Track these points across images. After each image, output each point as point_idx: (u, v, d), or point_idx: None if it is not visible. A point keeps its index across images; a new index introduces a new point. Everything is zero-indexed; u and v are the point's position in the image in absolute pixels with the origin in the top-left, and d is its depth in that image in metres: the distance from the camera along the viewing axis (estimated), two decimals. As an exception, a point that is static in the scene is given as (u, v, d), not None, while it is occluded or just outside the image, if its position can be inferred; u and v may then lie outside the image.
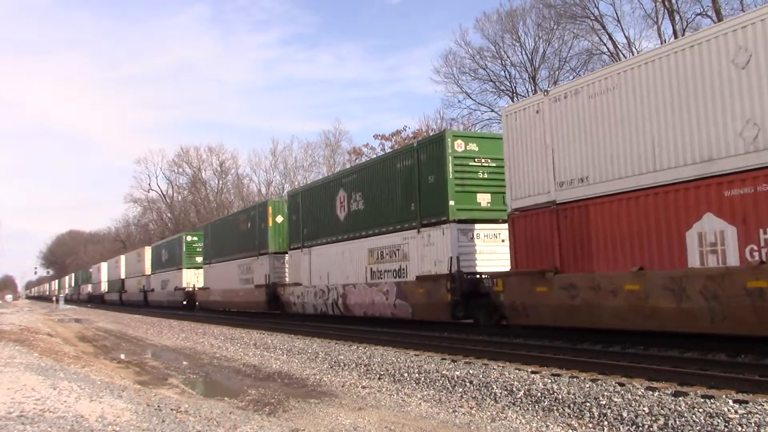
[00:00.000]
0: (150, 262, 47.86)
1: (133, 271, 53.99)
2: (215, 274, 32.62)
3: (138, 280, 51.48)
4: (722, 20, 29.68)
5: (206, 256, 34.62)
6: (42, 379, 9.16)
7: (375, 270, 18.28)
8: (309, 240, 22.53)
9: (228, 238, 30.75)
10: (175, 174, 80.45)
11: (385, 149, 46.99)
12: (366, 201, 19.12)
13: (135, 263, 53.57)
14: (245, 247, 28.03)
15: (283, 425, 7.69)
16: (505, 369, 10.04)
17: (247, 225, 28.24)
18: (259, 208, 27.34)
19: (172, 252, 41.57)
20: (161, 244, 46.54)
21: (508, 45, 40.95)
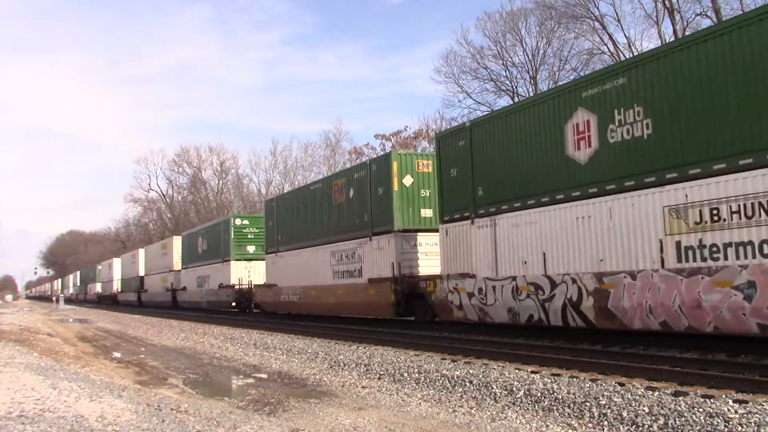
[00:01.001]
0: (180, 255, 40.21)
1: (156, 266, 46.26)
2: (287, 266, 24.75)
3: (163, 277, 44.00)
4: (721, 21, 29.72)
5: (271, 242, 26.47)
6: (42, 379, 9.16)
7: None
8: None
9: (310, 215, 23.05)
10: (175, 174, 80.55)
11: (385, 149, 47.03)
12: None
13: (158, 257, 46.01)
14: (345, 225, 20.52)
15: (283, 425, 7.69)
16: (505, 369, 10.04)
17: (345, 194, 20.73)
18: (375, 165, 19.35)
19: (213, 240, 33.57)
20: (197, 232, 37.86)
21: (509, 45, 40.98)
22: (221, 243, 32.10)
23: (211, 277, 33.25)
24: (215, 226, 34.26)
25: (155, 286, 46.13)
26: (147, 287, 49.04)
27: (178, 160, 79.17)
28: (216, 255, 32.79)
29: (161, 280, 44.22)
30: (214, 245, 33.23)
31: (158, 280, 45.23)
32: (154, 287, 46.49)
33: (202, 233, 36.44)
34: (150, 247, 51.70)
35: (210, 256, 33.87)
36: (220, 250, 32.26)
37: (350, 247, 20.05)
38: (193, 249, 37.36)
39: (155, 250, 47.79)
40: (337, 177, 21.92)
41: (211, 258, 33.47)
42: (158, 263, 45.59)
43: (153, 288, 46.94)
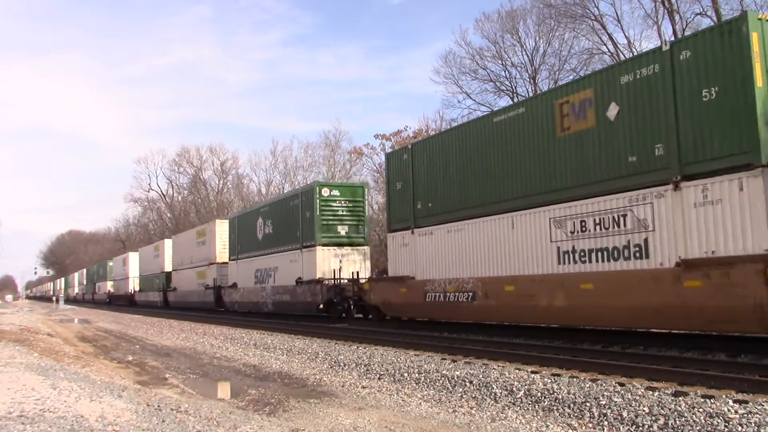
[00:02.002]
0: (225, 244, 32.38)
1: (190, 259, 37.61)
2: (439, 248, 16.47)
3: (200, 271, 35.30)
4: (721, 20, 29.73)
5: (400, 216, 18.15)
6: (42, 379, 9.16)
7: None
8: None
9: (495, 162, 14.67)
10: (175, 174, 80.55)
11: (385, 149, 47.02)
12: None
13: (192, 248, 37.42)
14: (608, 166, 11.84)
15: (283, 425, 7.68)
16: (505, 369, 10.04)
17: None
18: None
19: (284, 220, 25.26)
20: (255, 211, 29.48)
21: (508, 45, 40.95)
22: (299, 223, 23.76)
23: (281, 270, 25.07)
24: (288, 200, 25.66)
25: (188, 283, 37.43)
26: (176, 285, 40.64)
27: (179, 160, 79.24)
28: (289, 239, 24.58)
29: (197, 275, 35.61)
30: (286, 226, 25.00)
31: (192, 276, 36.56)
32: (187, 284, 37.72)
33: (263, 212, 27.97)
34: (180, 237, 42.53)
35: (278, 241, 25.66)
36: (295, 233, 23.99)
37: (619, 205, 11.48)
38: (248, 234, 28.93)
39: (188, 240, 38.90)
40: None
41: (281, 244, 25.35)
42: (192, 255, 37.14)
43: (185, 285, 38.27)
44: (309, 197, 23.30)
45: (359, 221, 23.21)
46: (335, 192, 23.25)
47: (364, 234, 23.27)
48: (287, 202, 25.66)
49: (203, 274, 34.97)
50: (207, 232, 35.42)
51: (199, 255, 36.16)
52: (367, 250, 23.36)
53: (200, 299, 35.12)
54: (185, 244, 39.60)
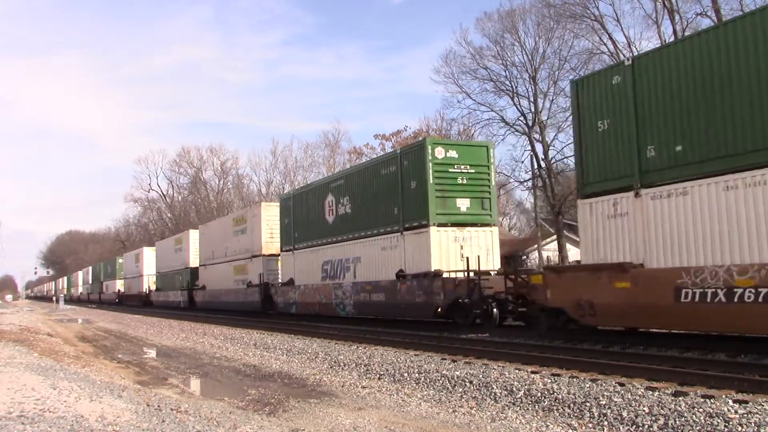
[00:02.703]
0: (275, 232, 26.44)
1: (224, 251, 31.78)
2: (702, 213, 10.20)
3: (239, 266, 29.53)
4: (721, 20, 29.74)
5: (609, 169, 11.92)
6: (42, 379, 9.16)
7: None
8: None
9: None
10: (175, 174, 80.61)
11: (385, 149, 47.01)
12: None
13: (226, 238, 31.46)
14: None
15: (283, 425, 7.69)
16: (505, 369, 10.04)
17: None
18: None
19: (372, 196, 19.10)
20: (322, 186, 22.69)
21: (508, 45, 40.94)
22: (399, 196, 17.55)
23: (367, 262, 19.19)
24: (377, 166, 19.01)
25: (222, 280, 31.73)
26: (205, 282, 34.79)
27: (179, 160, 79.33)
28: (380, 220, 18.43)
29: (235, 271, 29.99)
30: (374, 203, 18.83)
31: (228, 272, 30.92)
32: (220, 281, 32.01)
33: (336, 187, 21.22)
34: (211, 226, 35.86)
35: (361, 224, 19.53)
36: (391, 211, 17.90)
37: None
38: (311, 218, 22.82)
39: (221, 230, 32.85)
40: None
41: (366, 227, 19.23)
42: (228, 247, 31.18)
43: (217, 283, 32.49)
44: (416, 160, 16.91)
45: (485, 193, 17.22)
46: (452, 153, 16.92)
47: (491, 210, 17.28)
48: (376, 171, 18.97)
49: (243, 269, 29.03)
50: (249, 218, 28.98)
51: (237, 246, 29.87)
52: (495, 232, 17.35)
53: (240, 299, 28.98)
54: (218, 234, 33.05)
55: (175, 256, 41.46)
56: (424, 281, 16.25)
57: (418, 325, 17.43)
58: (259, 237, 27.82)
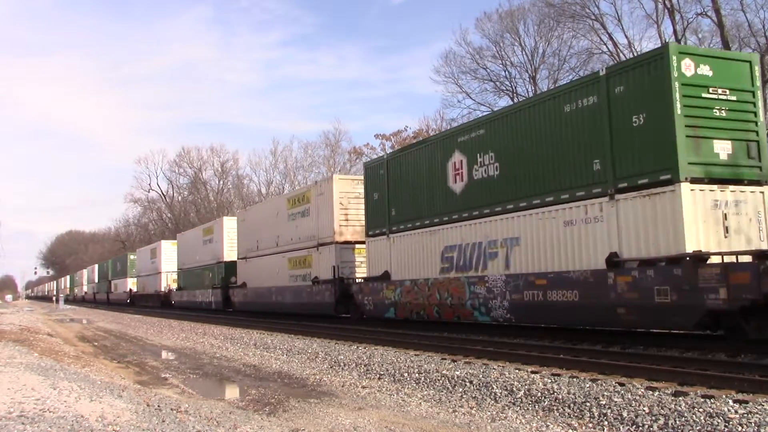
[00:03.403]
0: (353, 213, 21.57)
1: (274, 241, 26.09)
2: None
3: (298, 258, 23.87)
4: (722, 20, 29.75)
5: None
6: (42, 379, 9.16)
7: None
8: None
9: None
10: (175, 174, 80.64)
11: (385, 149, 47.01)
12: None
13: (278, 224, 25.76)
14: None
15: (283, 425, 7.68)
16: (505, 369, 10.04)
17: None
18: None
19: (544, 144, 13.11)
20: (443, 141, 16.58)
21: (507, 44, 40.98)
22: (604, 141, 11.78)
23: (535, 243, 13.30)
24: (564, 96, 12.81)
25: (272, 275, 26.02)
26: (247, 279, 29.10)
27: (179, 160, 79.36)
28: (567, 180, 12.62)
29: (293, 264, 24.22)
30: (552, 155, 13.00)
31: (280, 266, 25.26)
32: (269, 278, 26.27)
33: (469, 140, 15.35)
34: (253, 211, 30.53)
35: (524, 188, 13.66)
36: (587, 165, 12.18)
37: None
38: (424, 187, 16.89)
39: (268, 215, 27.21)
40: None
41: (536, 192, 13.33)
42: (280, 235, 25.49)
43: (264, 279, 26.87)
44: (646, 82, 11.12)
45: (750, 132, 11.29)
46: (705, 69, 11.00)
47: (760, 159, 11.24)
48: (554, 108, 12.97)
49: (304, 262, 23.44)
50: (312, 196, 23.11)
51: (294, 233, 24.36)
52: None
53: (301, 299, 23.34)
54: (265, 220, 27.54)
55: (203, 249, 35.52)
56: (674, 271, 10.17)
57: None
58: (330, 220, 21.70)
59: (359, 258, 21.30)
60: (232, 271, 31.25)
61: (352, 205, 21.62)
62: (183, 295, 39.39)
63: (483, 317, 14.45)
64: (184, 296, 39.13)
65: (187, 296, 38.43)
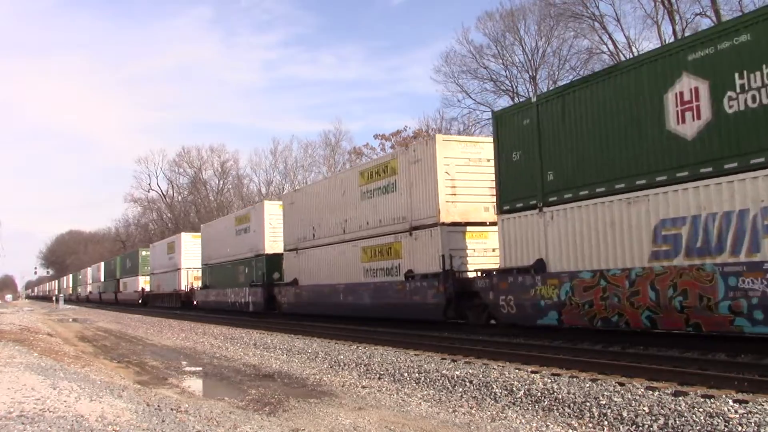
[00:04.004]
0: (462, 187, 16.54)
1: (339, 227, 21.08)
2: None
3: (378, 247, 18.90)
4: (721, 20, 29.74)
5: None
6: (42, 379, 9.16)
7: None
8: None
9: None
10: (175, 174, 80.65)
11: (385, 149, 47.01)
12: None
13: (349, 204, 20.66)
14: None
15: (283, 425, 7.68)
16: (505, 369, 10.04)
17: None
18: None
19: None
20: (650, 64, 11.05)
21: (508, 44, 41.00)
22: None
23: None
24: None
25: (335, 269, 21.10)
26: (298, 275, 23.68)
27: (179, 160, 79.38)
28: None
29: (370, 254, 19.25)
30: None
31: (350, 257, 20.28)
32: (333, 272, 21.18)
33: (707, 57, 10.11)
34: (308, 192, 24.39)
35: None
36: None
37: None
38: (616, 135, 11.55)
39: (334, 192, 21.71)
40: None
41: None
42: (350, 219, 20.48)
43: (325, 274, 21.61)
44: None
45: None
46: None
47: None
48: None
49: (389, 252, 18.22)
50: (402, 165, 17.80)
51: (372, 216, 19.13)
52: None
53: (387, 300, 18.00)
54: (323, 201, 22.17)
55: (236, 241, 30.15)
56: None
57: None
58: (431, 195, 16.41)
59: (474, 244, 16.34)
60: (276, 265, 26.01)
61: (461, 176, 16.44)
62: (209, 294, 33.86)
63: (759, 327, 9.19)
64: (210, 296, 33.72)
65: (214, 296, 33.03)
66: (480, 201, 16.27)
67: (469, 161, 16.58)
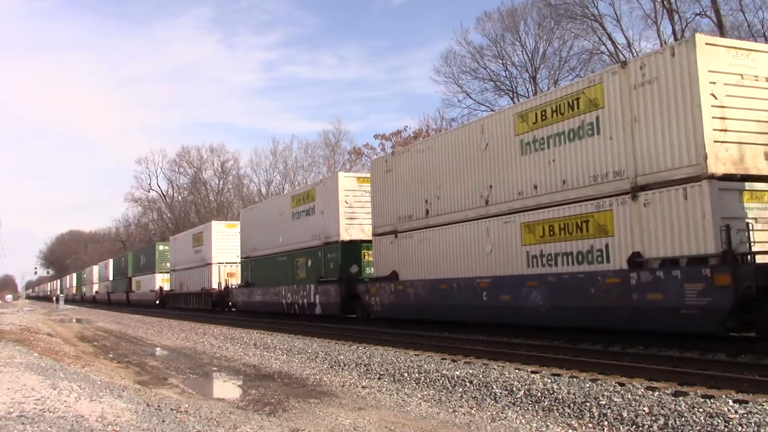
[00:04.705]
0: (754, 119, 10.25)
1: (475, 196, 14.86)
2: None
3: (561, 220, 12.52)
4: (721, 20, 29.74)
5: None
6: (42, 379, 9.15)
7: None
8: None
9: None
10: (175, 174, 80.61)
11: (385, 149, 47.01)
12: None
13: (503, 164, 14.07)
14: None
15: (283, 425, 7.68)
16: (505, 369, 10.04)
17: None
18: None
19: None
20: None
21: (508, 44, 41.01)
22: None
23: None
24: None
25: (472, 260, 14.97)
26: (399, 266, 17.68)
27: (179, 160, 79.34)
28: None
29: (547, 230, 12.90)
30: None
31: (501, 238, 14.07)
32: (457, 264, 15.40)
33: None
34: (414, 153, 17.53)
35: None
36: None
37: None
38: None
39: (465, 143, 15.47)
40: None
41: None
42: (495, 183, 14.38)
43: (451, 265, 15.60)
44: None
45: None
46: None
47: None
48: None
49: (588, 227, 12.07)
50: (609, 89, 11.81)
51: (549, 174, 13.03)
52: None
53: (585, 300, 11.82)
54: (455, 159, 15.80)
55: (293, 227, 24.30)
56: None
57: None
58: (690, 126, 10.39)
59: (756, 210, 10.38)
60: (354, 256, 20.74)
61: (732, 99, 10.55)
62: (252, 293, 28.02)
63: None
64: (255, 295, 27.71)
65: (260, 295, 27.12)
66: (760, 141, 10.55)
67: (742, 78, 10.71)
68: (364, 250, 20.48)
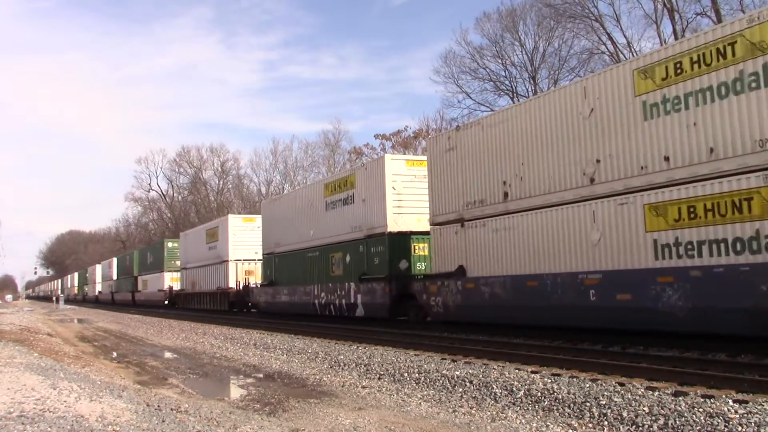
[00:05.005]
0: None
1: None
2: None
3: (718, 197, 9.56)
4: (721, 20, 29.73)
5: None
6: (42, 379, 9.16)
7: None
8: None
9: None
10: (175, 174, 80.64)
11: (385, 149, 47.01)
12: None
13: (626, 125, 11.12)
14: None
15: (283, 425, 7.68)
16: (505, 369, 10.04)
17: None
18: None
19: None
20: None
21: (507, 44, 41.01)
22: None
23: None
24: None
25: (599, 253, 11.68)
26: (465, 260, 14.87)
27: (179, 160, 79.36)
28: None
29: (700, 211, 9.94)
30: None
31: (630, 224, 11.03)
32: (573, 256, 12.18)
33: None
34: (512, 116, 14.03)
35: None
36: None
37: None
38: None
39: (559, 107, 12.70)
40: None
41: None
42: (596, 157, 11.79)
43: (556, 258, 12.53)
44: None
45: None
46: None
47: None
48: None
49: (750, 207, 9.28)
50: None
51: (688, 140, 10.23)
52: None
53: (749, 300, 9.12)
54: (546, 128, 13.05)
55: (327, 218, 21.83)
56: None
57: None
58: None
59: None
60: (402, 250, 18.16)
61: None
62: (278, 293, 25.25)
63: None
64: (281, 295, 24.92)
65: (287, 295, 24.35)
66: None
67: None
68: (415, 243, 18.08)
